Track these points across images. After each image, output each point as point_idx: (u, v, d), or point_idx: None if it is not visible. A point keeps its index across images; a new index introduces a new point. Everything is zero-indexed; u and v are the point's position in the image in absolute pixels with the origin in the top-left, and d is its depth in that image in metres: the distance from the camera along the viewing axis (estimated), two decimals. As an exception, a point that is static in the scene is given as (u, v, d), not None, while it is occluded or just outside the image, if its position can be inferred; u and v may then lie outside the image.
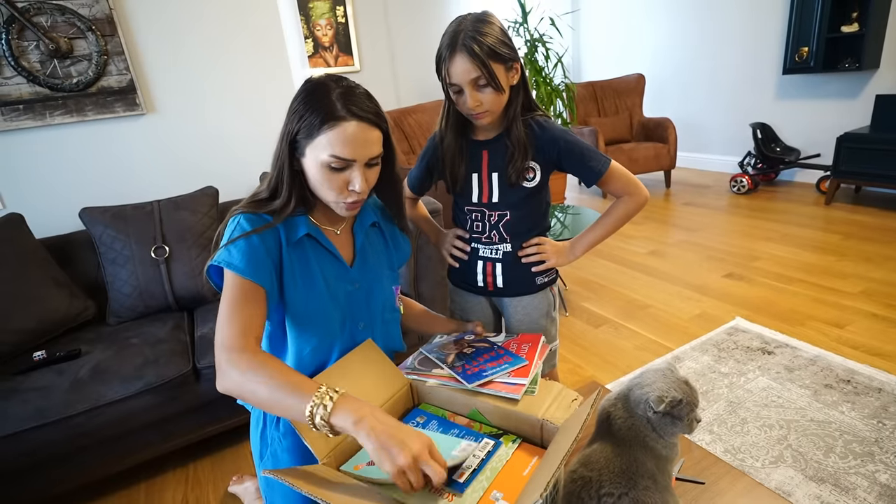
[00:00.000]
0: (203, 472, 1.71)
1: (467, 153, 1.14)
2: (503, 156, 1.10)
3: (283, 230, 0.89)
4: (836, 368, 1.88)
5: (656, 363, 0.76)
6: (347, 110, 0.82)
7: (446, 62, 0.99)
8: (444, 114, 1.13)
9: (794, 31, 3.85)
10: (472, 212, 1.17)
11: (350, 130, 0.82)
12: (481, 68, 0.96)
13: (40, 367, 1.55)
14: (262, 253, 0.85)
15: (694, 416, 0.70)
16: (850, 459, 1.47)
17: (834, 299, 2.40)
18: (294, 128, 0.84)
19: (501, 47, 0.98)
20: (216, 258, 0.84)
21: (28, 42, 1.86)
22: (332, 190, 0.86)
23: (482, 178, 1.14)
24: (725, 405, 1.75)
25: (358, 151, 0.83)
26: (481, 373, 0.89)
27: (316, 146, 0.83)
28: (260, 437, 0.98)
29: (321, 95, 0.83)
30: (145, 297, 1.85)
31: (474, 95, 1.00)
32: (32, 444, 1.40)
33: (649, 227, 3.66)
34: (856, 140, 3.40)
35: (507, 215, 1.14)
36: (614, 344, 2.25)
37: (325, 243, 0.94)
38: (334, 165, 0.83)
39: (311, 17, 4.34)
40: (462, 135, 1.14)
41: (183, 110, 2.21)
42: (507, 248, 1.18)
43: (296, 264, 0.91)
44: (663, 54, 5.13)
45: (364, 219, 1.02)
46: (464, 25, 0.97)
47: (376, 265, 1.03)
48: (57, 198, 2.05)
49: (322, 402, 0.69)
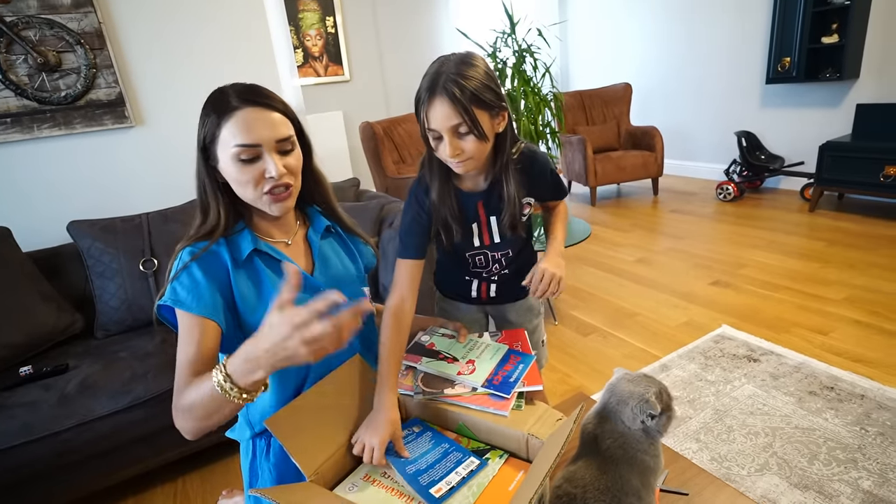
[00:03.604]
0: (192, 486, 1.70)
1: (458, 204, 1.05)
2: (498, 202, 1.06)
3: (226, 252, 0.87)
4: (820, 375, 1.91)
5: (613, 379, 0.79)
6: (240, 100, 0.83)
7: (425, 105, 0.90)
8: (426, 162, 1.03)
9: (776, 41, 3.93)
10: (475, 256, 1.16)
11: (247, 116, 0.82)
12: (462, 115, 0.87)
13: (27, 383, 1.54)
14: (206, 284, 0.83)
15: (672, 401, 0.74)
16: (833, 466, 1.50)
17: (818, 306, 2.44)
18: (200, 136, 0.85)
19: (485, 92, 0.89)
20: (163, 297, 0.82)
21: (16, 56, 1.85)
22: (250, 184, 0.84)
23: (481, 225, 1.10)
24: (712, 413, 1.77)
25: (260, 134, 0.83)
26: (507, 380, 0.90)
27: (222, 144, 0.83)
28: (249, 467, 0.97)
29: (217, 98, 0.85)
30: (133, 310, 1.85)
31: (454, 143, 0.91)
32: (19, 461, 1.39)
33: (637, 235, 3.70)
34: (838, 148, 3.47)
35: (510, 252, 1.15)
36: (602, 352, 2.27)
37: (277, 255, 0.92)
38: (243, 157, 0.83)
39: (300, 27, 4.36)
40: (447, 181, 1.04)
41: (172, 123, 2.21)
42: (505, 272, 1.20)
43: (247, 284, 0.89)
44: (650, 64, 5.21)
45: (316, 225, 1.01)
46: (446, 67, 0.89)
47: (339, 270, 1.01)
48: (45, 211, 2.03)
49: (218, 373, 0.70)
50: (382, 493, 0.76)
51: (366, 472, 0.81)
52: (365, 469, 0.82)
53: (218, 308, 0.84)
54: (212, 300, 0.83)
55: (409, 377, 0.97)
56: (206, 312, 0.82)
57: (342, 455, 0.82)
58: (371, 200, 2.10)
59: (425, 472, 0.77)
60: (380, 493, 0.76)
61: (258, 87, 0.87)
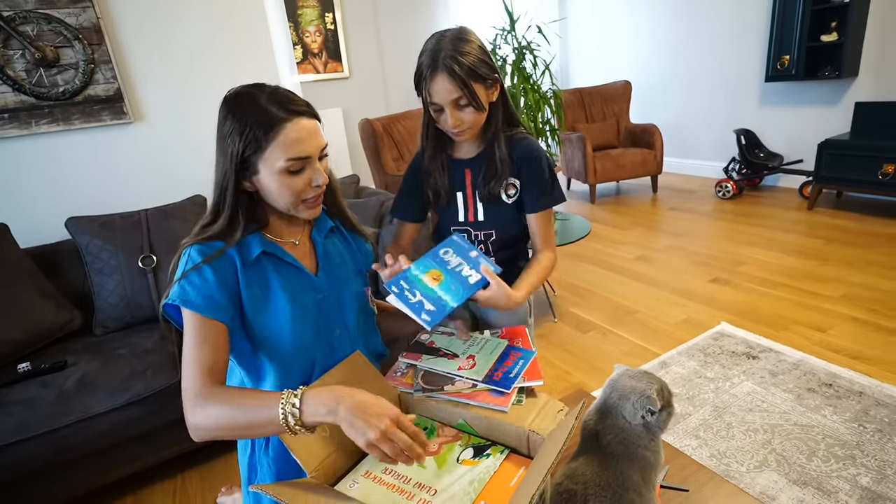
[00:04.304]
0: (191, 483, 1.70)
1: (448, 170, 1.15)
2: (486, 169, 1.11)
3: (236, 253, 0.87)
4: (819, 372, 1.91)
5: (614, 375, 0.79)
6: (285, 111, 0.81)
7: (427, 81, 0.99)
8: (423, 129, 1.13)
9: (775, 39, 3.93)
10: (459, 232, 1.18)
11: (297, 129, 0.81)
12: (462, 88, 0.96)
13: (25, 380, 1.54)
14: (216, 285, 0.82)
15: (672, 398, 0.74)
16: (832, 463, 1.50)
17: (816, 303, 2.44)
18: (238, 148, 0.81)
19: (482, 67, 0.98)
20: (170, 296, 0.81)
21: (13, 51, 1.84)
22: (294, 194, 0.85)
23: (467, 197, 1.15)
24: (711, 410, 1.78)
25: (311, 146, 0.83)
26: (507, 376, 0.90)
27: (268, 158, 0.82)
28: (248, 462, 0.97)
29: (251, 106, 0.81)
30: (132, 307, 1.84)
31: (455, 115, 1.00)
32: (16, 458, 1.38)
33: (636, 233, 3.70)
34: (836, 146, 3.47)
35: (493, 234, 1.17)
36: (602, 349, 2.27)
37: (284, 256, 0.92)
38: (293, 169, 0.83)
39: (300, 23, 4.35)
40: (442, 150, 1.14)
41: (171, 118, 2.20)
42: (492, 258, 1.19)
43: (254, 286, 0.88)
44: (650, 61, 5.20)
45: (321, 225, 1.01)
46: (443, 44, 0.97)
47: (343, 269, 1.01)
48: (43, 207, 2.03)
49: (289, 402, 0.69)
50: (384, 490, 0.76)
51: (367, 468, 0.81)
52: (366, 466, 0.82)
53: (227, 309, 0.84)
54: (222, 301, 0.83)
55: (409, 375, 0.97)
56: (217, 315, 0.81)
57: (343, 451, 0.82)
58: (371, 197, 2.09)
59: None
60: (381, 490, 0.76)
61: (291, 94, 0.85)
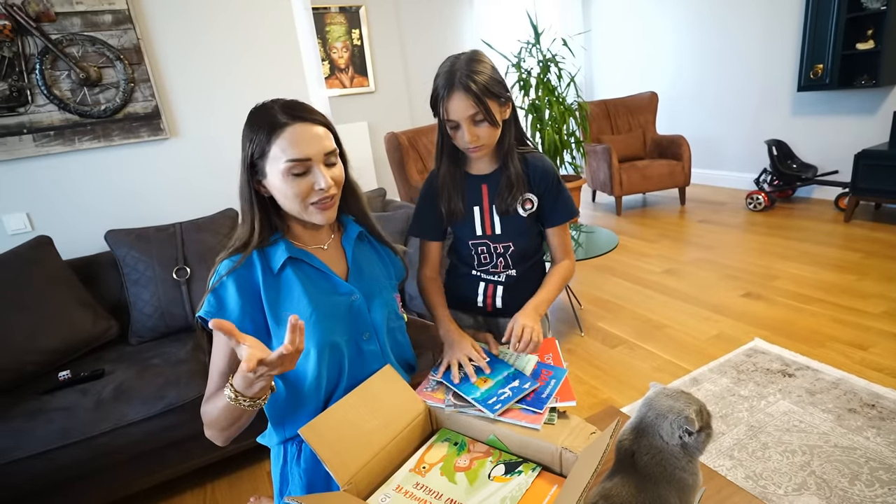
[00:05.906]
0: (220, 492, 1.72)
1: (464, 186, 1.17)
2: (503, 185, 1.14)
3: (258, 263, 0.91)
4: (860, 392, 1.84)
5: (650, 393, 0.77)
6: (289, 116, 0.86)
7: (444, 100, 1.04)
8: (438, 147, 1.17)
9: (808, 48, 3.84)
10: (477, 245, 1.20)
11: (297, 131, 0.85)
12: (478, 104, 1.01)
13: (65, 387, 1.59)
14: (235, 298, 0.88)
15: (710, 419, 0.73)
16: (876, 487, 1.44)
17: (855, 320, 2.35)
18: (247, 153, 0.88)
19: (495, 85, 1.03)
20: (199, 310, 0.88)
21: (60, 72, 1.93)
22: (299, 197, 0.88)
23: (483, 211, 1.17)
24: (746, 429, 1.72)
25: (311, 148, 0.86)
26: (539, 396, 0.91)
27: (272, 160, 0.86)
28: (280, 473, 0.98)
29: (262, 114, 0.87)
30: (167, 317, 1.89)
31: (472, 130, 1.04)
32: (56, 464, 1.43)
33: (664, 245, 3.64)
34: (875, 157, 3.36)
35: (511, 246, 1.18)
36: (630, 365, 2.23)
37: (312, 261, 0.95)
38: (295, 171, 0.86)
39: (327, 39, 4.45)
40: (457, 166, 1.17)
41: (205, 134, 2.27)
42: (511, 273, 1.21)
43: (281, 293, 0.91)
44: (677, 72, 5.14)
45: (349, 231, 1.04)
46: (458, 65, 1.02)
47: (372, 274, 1.03)
48: (84, 220, 2.11)
49: (229, 387, 0.79)
50: (414, 505, 0.76)
51: (398, 482, 0.81)
52: (397, 480, 0.82)
53: (245, 321, 0.88)
54: (239, 314, 0.87)
55: (440, 391, 0.97)
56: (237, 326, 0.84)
57: (376, 464, 0.83)
58: (397, 210, 2.11)
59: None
60: (412, 505, 0.76)
61: (301, 103, 0.90)
